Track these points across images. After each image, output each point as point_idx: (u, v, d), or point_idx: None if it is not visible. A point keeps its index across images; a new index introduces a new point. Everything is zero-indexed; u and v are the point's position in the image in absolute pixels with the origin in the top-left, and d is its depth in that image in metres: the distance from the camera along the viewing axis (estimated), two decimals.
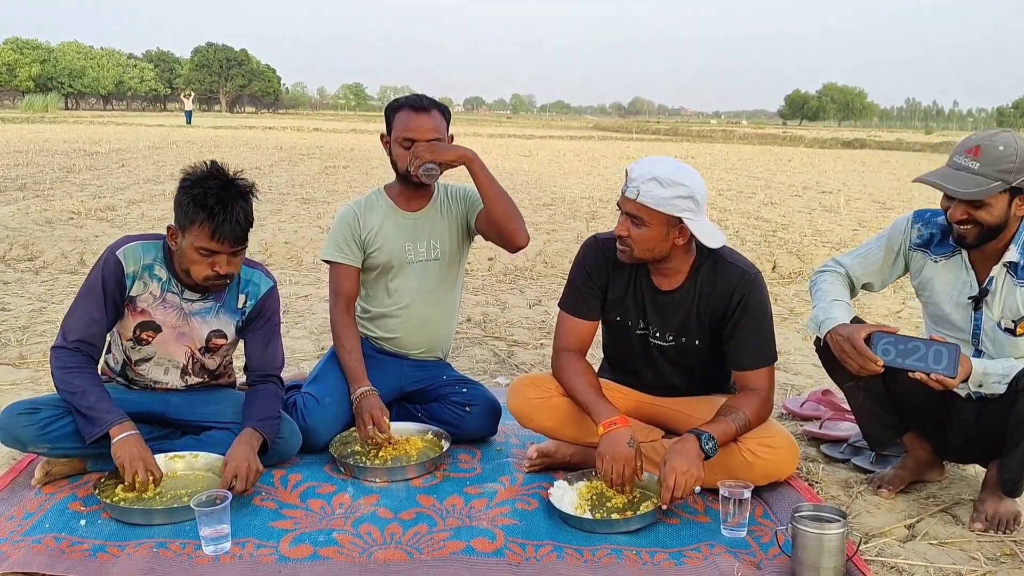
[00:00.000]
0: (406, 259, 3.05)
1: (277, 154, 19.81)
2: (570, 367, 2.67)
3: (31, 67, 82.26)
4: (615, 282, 2.68)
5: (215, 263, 2.49)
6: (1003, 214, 2.39)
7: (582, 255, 2.73)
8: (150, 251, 2.61)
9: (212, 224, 2.42)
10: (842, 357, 2.44)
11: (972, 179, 2.36)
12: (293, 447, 2.76)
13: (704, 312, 2.61)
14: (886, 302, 5.68)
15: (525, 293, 5.84)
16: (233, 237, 2.46)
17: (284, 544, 2.27)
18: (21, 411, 2.52)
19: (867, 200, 12.95)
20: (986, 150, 2.35)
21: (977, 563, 2.28)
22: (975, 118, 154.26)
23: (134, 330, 2.63)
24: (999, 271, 2.46)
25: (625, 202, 2.48)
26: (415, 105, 2.92)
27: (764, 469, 2.54)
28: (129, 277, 2.56)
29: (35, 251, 6.69)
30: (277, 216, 9.25)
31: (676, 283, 2.61)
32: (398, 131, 2.93)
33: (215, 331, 2.70)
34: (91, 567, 2.13)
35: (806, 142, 38.31)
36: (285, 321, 4.85)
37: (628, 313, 2.69)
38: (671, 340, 2.67)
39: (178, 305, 2.64)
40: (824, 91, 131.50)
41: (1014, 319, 2.45)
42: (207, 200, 2.42)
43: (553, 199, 11.87)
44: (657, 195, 2.40)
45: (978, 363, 2.38)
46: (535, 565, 2.20)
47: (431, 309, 3.10)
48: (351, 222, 3.02)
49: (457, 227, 3.10)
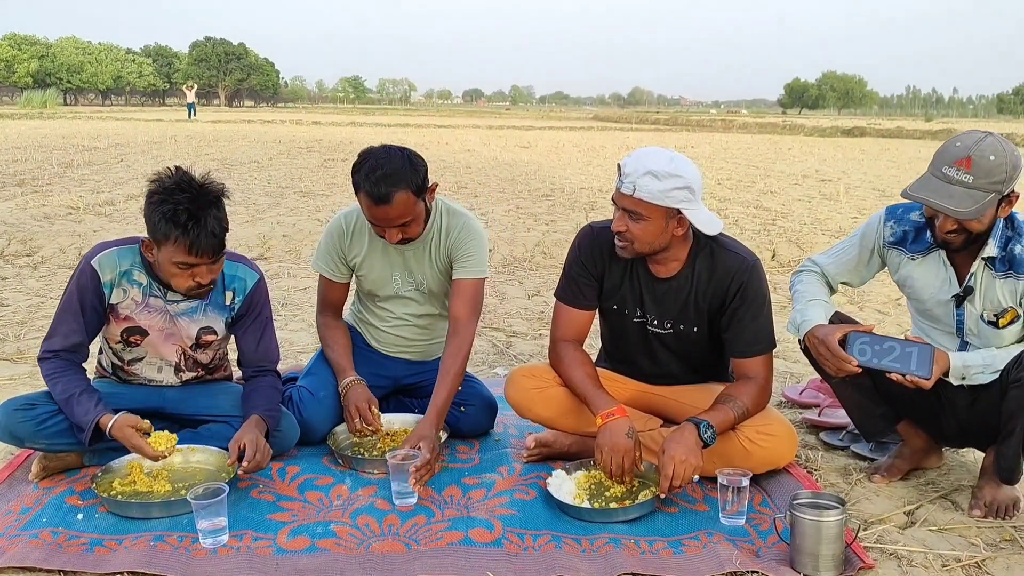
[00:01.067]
0: (392, 289, 2.97)
1: (276, 148, 19.78)
2: (568, 357, 2.66)
3: (29, 63, 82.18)
4: (611, 271, 2.67)
5: (195, 274, 2.44)
6: (991, 220, 2.37)
7: (577, 244, 2.71)
8: (126, 257, 2.56)
9: (187, 240, 2.36)
10: (819, 359, 2.45)
11: (968, 195, 2.28)
12: (291, 441, 2.76)
13: (702, 299, 2.59)
14: (885, 289, 5.66)
15: (524, 284, 5.84)
16: (211, 249, 2.41)
17: (282, 536, 2.27)
18: (17, 407, 2.52)
19: (867, 188, 12.93)
20: (977, 162, 2.26)
21: (976, 549, 2.28)
22: (975, 105, 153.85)
23: (121, 335, 2.62)
24: (979, 266, 2.44)
25: (621, 198, 2.44)
26: (373, 196, 2.61)
27: (762, 457, 2.54)
28: (106, 285, 2.53)
29: (33, 246, 6.68)
30: (276, 209, 9.24)
31: (673, 271, 2.60)
32: (363, 212, 2.73)
33: (204, 328, 2.68)
34: (88, 561, 2.13)
35: (806, 131, 38.22)
36: (283, 314, 4.85)
37: (625, 302, 2.68)
38: (669, 328, 2.66)
39: (162, 308, 2.61)
40: (824, 79, 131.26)
41: (996, 312, 2.43)
42: (179, 217, 2.35)
43: (552, 190, 11.85)
44: (654, 189, 2.37)
45: (956, 357, 2.38)
46: (533, 555, 2.19)
47: (422, 330, 3.06)
48: (338, 241, 2.92)
49: (441, 272, 2.94)
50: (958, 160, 2.29)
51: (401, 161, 2.65)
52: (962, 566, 2.20)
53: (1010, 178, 2.30)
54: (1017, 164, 2.31)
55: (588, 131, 35.84)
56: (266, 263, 6.35)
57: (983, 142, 2.30)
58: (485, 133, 30.02)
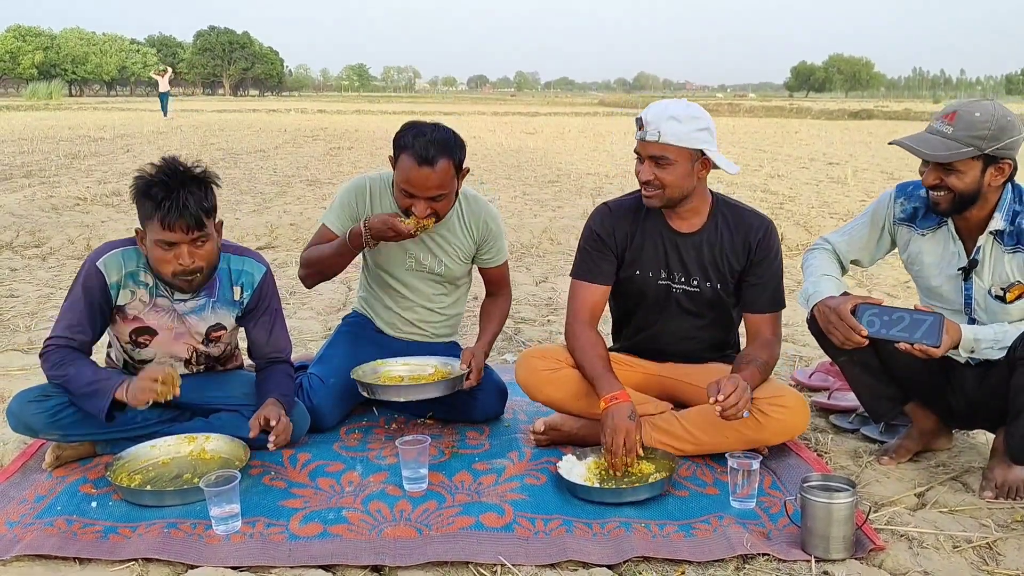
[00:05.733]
0: (404, 266, 2.96)
1: (281, 136, 19.77)
2: (584, 337, 2.69)
3: (34, 55, 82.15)
4: (633, 238, 2.72)
5: (177, 255, 2.42)
6: (975, 182, 2.37)
7: (592, 221, 2.77)
8: (132, 258, 2.56)
9: (160, 212, 2.36)
10: (827, 328, 2.44)
11: (943, 143, 2.36)
12: (301, 430, 2.76)
13: (728, 254, 2.68)
14: (894, 272, 5.65)
15: (532, 270, 5.83)
16: (184, 224, 2.37)
17: (294, 522, 2.28)
18: (31, 399, 2.53)
19: (875, 171, 12.88)
20: (962, 116, 2.34)
21: (988, 530, 2.28)
22: (983, 86, 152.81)
23: (130, 336, 2.62)
24: (986, 239, 2.45)
25: (646, 146, 2.53)
26: (420, 156, 2.64)
27: (775, 428, 2.56)
28: (113, 287, 2.52)
29: (42, 237, 6.70)
30: (282, 198, 9.25)
31: (696, 226, 2.68)
32: (398, 176, 2.70)
33: (213, 326, 2.68)
34: (103, 548, 2.15)
35: (813, 114, 38.07)
36: (292, 303, 4.86)
37: (650, 264, 2.72)
38: (695, 285, 2.71)
39: (170, 308, 2.60)
40: (830, 62, 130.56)
41: (1003, 286, 2.44)
42: (151, 190, 2.38)
43: (558, 176, 11.83)
44: (679, 131, 2.48)
45: (968, 330, 2.38)
46: (544, 539, 2.20)
47: (432, 312, 3.07)
48: (356, 198, 2.90)
49: (464, 256, 2.97)
50: (946, 114, 2.39)
51: (450, 133, 2.75)
52: (973, 547, 2.20)
53: (993, 137, 2.32)
54: (1005, 127, 2.33)
55: (594, 116, 35.75)
56: (273, 252, 6.36)
57: (978, 102, 2.39)
58: (490, 120, 29.95)
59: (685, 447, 2.63)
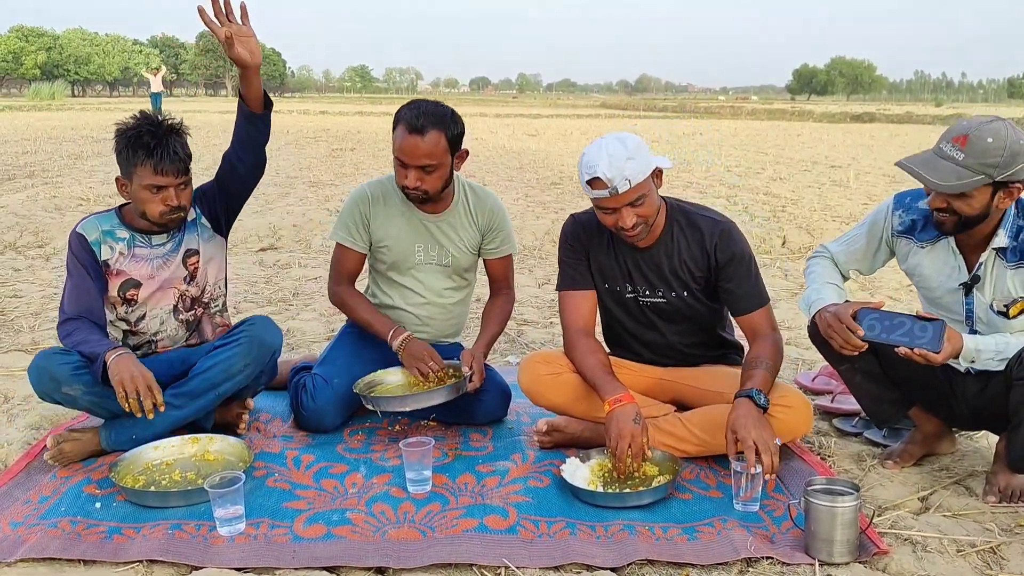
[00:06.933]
0: (415, 259, 3.02)
1: (284, 137, 19.77)
2: (581, 345, 2.70)
3: (37, 55, 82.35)
4: (595, 251, 2.76)
5: (166, 198, 2.65)
6: (984, 207, 2.31)
7: (563, 233, 2.82)
8: (105, 220, 2.77)
9: (153, 160, 2.58)
10: (827, 333, 2.42)
11: (954, 171, 2.26)
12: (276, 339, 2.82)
13: (687, 262, 2.68)
14: (897, 276, 5.64)
15: (534, 272, 5.84)
16: (175, 168, 2.61)
17: (298, 524, 2.28)
18: (58, 352, 2.62)
19: (877, 174, 12.86)
20: (973, 141, 2.24)
21: (991, 534, 2.28)
22: (985, 89, 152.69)
23: (119, 293, 2.75)
24: (989, 256, 2.41)
25: (621, 198, 2.47)
26: (410, 125, 2.73)
27: (779, 429, 2.55)
28: (95, 244, 2.72)
29: (45, 238, 6.71)
30: (285, 199, 9.25)
31: (654, 237, 2.68)
32: (393, 146, 2.81)
33: (188, 251, 2.83)
34: (107, 549, 2.15)
35: (815, 116, 38.01)
36: (295, 304, 4.87)
37: (616, 279, 2.76)
38: (660, 296, 2.73)
39: (149, 255, 2.77)
40: (832, 65, 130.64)
41: (1005, 302, 2.41)
42: (142, 139, 2.60)
43: (561, 178, 11.84)
44: (638, 167, 2.46)
45: (970, 339, 2.35)
46: (548, 542, 2.20)
47: (440, 308, 3.09)
48: (361, 207, 2.98)
49: (470, 247, 3.05)
50: (956, 137, 2.29)
51: (445, 108, 2.82)
52: (977, 551, 2.20)
53: (1006, 164, 2.24)
54: (1018, 152, 2.24)
55: (596, 119, 35.73)
56: (276, 253, 6.37)
57: (988, 124, 2.27)
58: (492, 122, 29.96)
59: (689, 448, 2.63)
